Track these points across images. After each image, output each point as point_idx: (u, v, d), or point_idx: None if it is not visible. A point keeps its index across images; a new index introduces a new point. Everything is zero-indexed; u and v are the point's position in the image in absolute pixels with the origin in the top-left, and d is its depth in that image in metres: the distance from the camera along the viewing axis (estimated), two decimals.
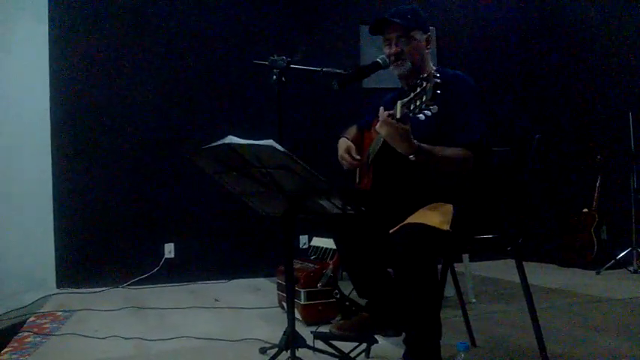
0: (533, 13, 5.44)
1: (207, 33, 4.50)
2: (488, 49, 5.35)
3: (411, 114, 1.56)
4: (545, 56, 5.35)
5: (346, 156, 2.13)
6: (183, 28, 4.45)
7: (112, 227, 4.20)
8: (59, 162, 4.11)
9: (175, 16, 4.44)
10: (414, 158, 1.68)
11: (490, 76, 5.24)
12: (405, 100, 1.58)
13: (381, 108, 1.69)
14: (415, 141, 1.66)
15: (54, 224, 4.06)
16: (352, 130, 2.30)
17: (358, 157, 2.11)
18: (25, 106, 3.97)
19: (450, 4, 5.29)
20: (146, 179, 4.31)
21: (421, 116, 1.53)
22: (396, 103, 1.63)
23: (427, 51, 2.03)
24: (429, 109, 1.50)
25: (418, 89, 1.52)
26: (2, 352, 2.39)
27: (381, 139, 1.83)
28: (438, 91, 1.46)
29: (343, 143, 2.18)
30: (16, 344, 2.52)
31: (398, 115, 1.61)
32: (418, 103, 1.52)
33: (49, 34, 4.11)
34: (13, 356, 2.32)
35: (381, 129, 1.66)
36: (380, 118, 1.65)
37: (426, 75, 1.51)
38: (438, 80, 1.46)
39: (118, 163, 4.25)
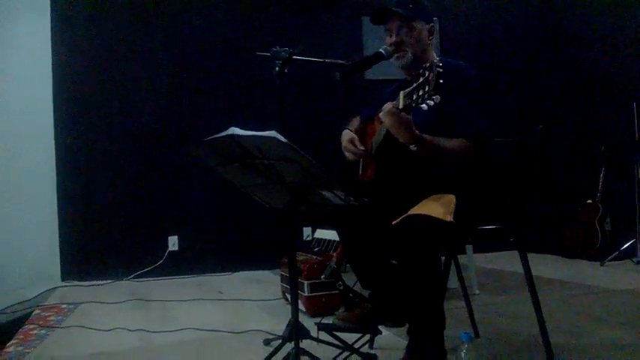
0: (537, 3, 5.40)
1: (210, 25, 4.49)
2: (492, 40, 5.31)
3: (413, 104, 1.56)
4: (549, 46, 5.31)
5: (350, 146, 2.11)
6: (186, 20, 4.44)
7: (116, 220, 4.22)
8: (63, 155, 4.12)
9: (177, 8, 4.43)
10: (415, 148, 1.68)
11: (493, 67, 5.21)
12: (408, 90, 1.58)
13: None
14: (417, 131, 1.66)
15: (58, 217, 4.08)
16: (355, 122, 2.29)
17: (362, 148, 2.10)
18: (29, 99, 3.99)
19: None
20: (150, 172, 4.32)
21: (424, 106, 1.53)
22: (398, 94, 1.63)
23: (430, 41, 2.01)
24: (432, 99, 1.49)
25: (421, 79, 1.51)
26: (8, 344, 2.41)
27: (384, 130, 1.82)
28: (441, 81, 1.45)
29: (346, 135, 2.17)
30: (21, 337, 2.54)
31: (400, 106, 1.60)
32: (421, 93, 1.51)
33: (51, 28, 4.12)
34: (19, 348, 2.34)
35: (384, 119, 1.66)
36: (383, 109, 1.65)
37: (428, 65, 1.50)
38: (441, 70, 1.45)
39: (122, 156, 4.26)
